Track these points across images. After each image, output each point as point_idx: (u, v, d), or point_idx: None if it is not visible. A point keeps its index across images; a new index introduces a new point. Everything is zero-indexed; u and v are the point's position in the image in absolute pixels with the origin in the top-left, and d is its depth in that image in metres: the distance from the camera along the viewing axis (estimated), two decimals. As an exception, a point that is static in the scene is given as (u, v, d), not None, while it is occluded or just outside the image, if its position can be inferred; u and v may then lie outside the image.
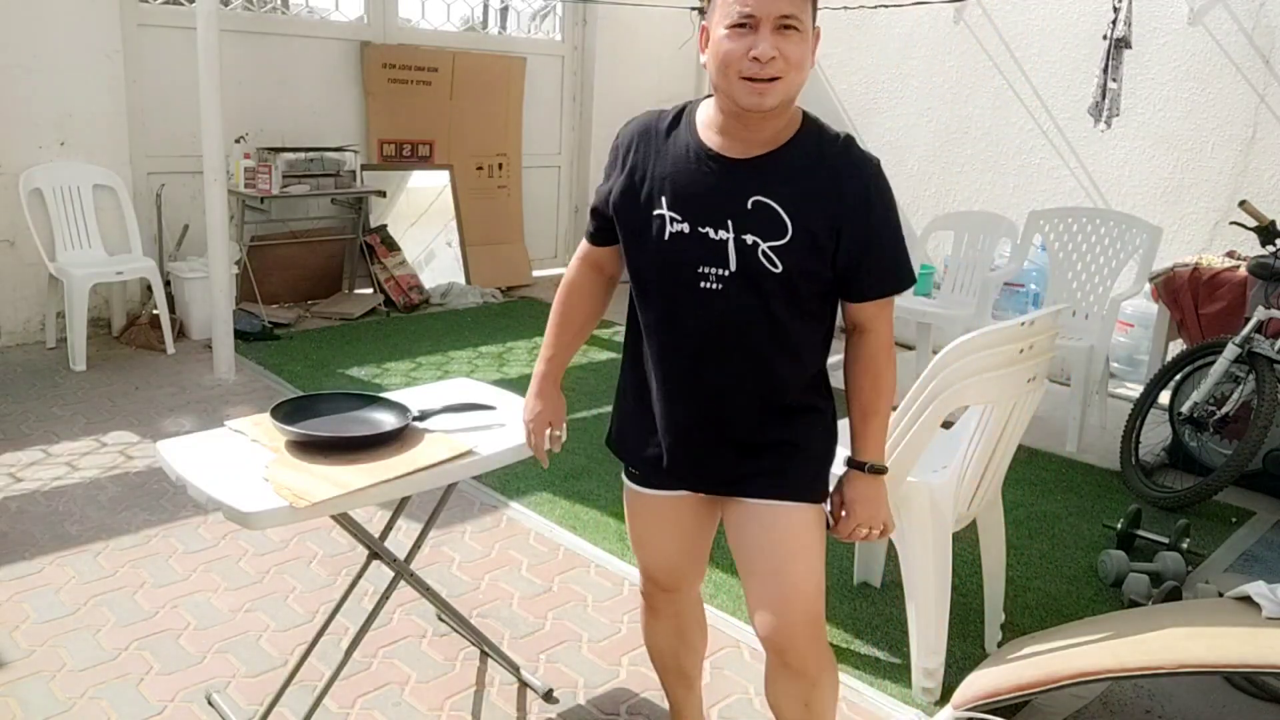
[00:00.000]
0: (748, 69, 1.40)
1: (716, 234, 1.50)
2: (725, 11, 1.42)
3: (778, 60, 1.40)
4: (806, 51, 1.44)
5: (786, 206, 1.48)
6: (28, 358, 4.75)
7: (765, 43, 1.38)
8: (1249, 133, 4.69)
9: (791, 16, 1.40)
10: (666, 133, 1.57)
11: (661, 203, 1.54)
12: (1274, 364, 3.44)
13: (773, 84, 1.41)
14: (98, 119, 4.94)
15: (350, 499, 1.73)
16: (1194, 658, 1.89)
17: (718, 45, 1.43)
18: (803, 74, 1.44)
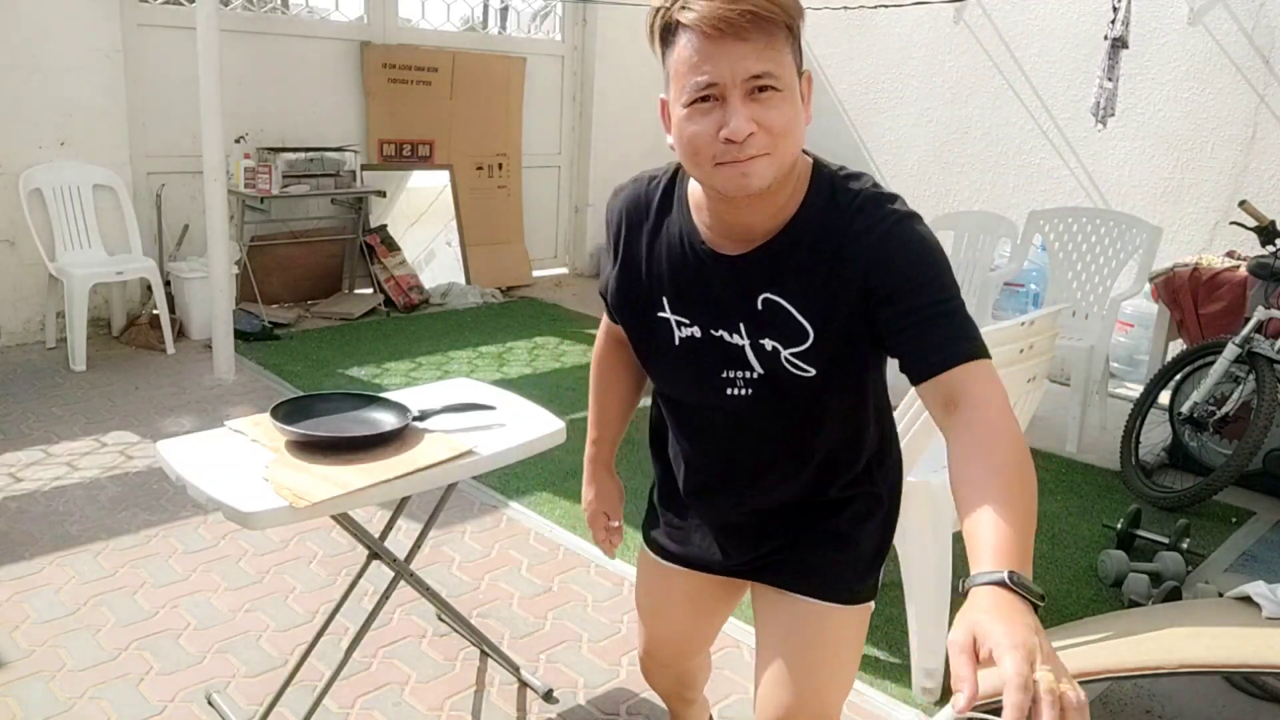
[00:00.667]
0: (722, 153, 1.10)
1: (731, 338, 1.26)
2: (681, 85, 1.11)
3: (758, 135, 1.09)
4: (795, 110, 1.12)
5: (799, 304, 1.21)
6: (28, 358, 4.75)
7: (737, 117, 1.08)
8: (1249, 133, 4.69)
9: (765, 75, 1.08)
10: (658, 212, 1.31)
11: (664, 304, 1.30)
12: (1274, 364, 3.44)
13: (757, 161, 1.11)
14: (98, 119, 4.94)
15: (350, 499, 1.73)
16: (1194, 658, 1.89)
17: (680, 129, 1.13)
18: (795, 140, 1.14)
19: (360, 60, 5.96)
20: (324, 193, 5.68)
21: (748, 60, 1.07)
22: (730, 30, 1.06)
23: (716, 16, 1.06)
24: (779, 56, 1.09)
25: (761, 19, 1.06)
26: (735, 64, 1.07)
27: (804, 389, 1.25)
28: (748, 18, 1.06)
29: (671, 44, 1.12)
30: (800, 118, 1.14)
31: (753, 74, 1.07)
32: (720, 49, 1.07)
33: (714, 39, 1.07)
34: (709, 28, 1.06)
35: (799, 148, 1.17)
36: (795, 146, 1.15)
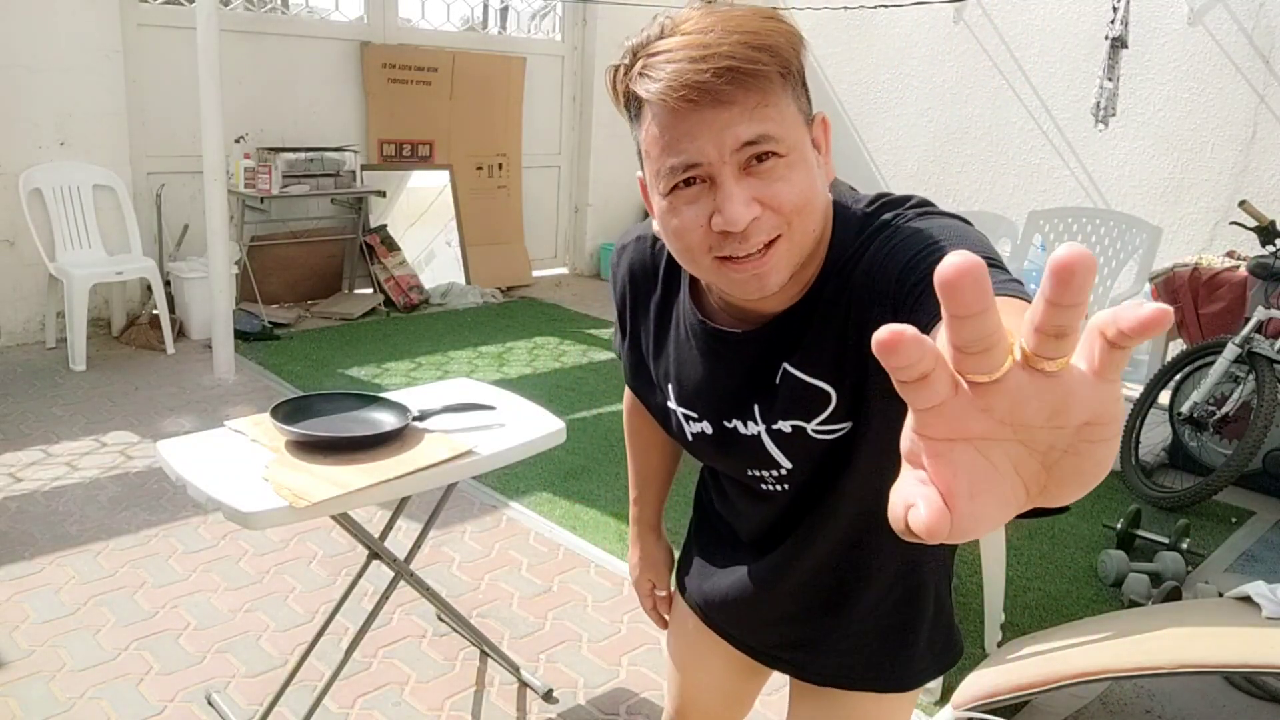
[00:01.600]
0: (721, 246, 0.87)
1: (746, 428, 1.05)
2: (655, 170, 0.88)
3: (764, 218, 0.86)
4: (809, 174, 0.88)
5: (813, 367, 0.98)
6: (28, 358, 4.75)
7: (732, 201, 0.84)
8: (1249, 133, 4.69)
9: (761, 140, 0.84)
10: (665, 284, 1.11)
11: (670, 394, 1.12)
12: (1274, 364, 3.44)
13: (770, 253, 0.87)
14: (98, 119, 4.94)
15: (350, 499, 1.73)
16: (1194, 658, 1.89)
17: (664, 221, 0.90)
18: (815, 211, 0.89)
19: (360, 60, 5.96)
20: (324, 193, 5.68)
21: (736, 127, 0.83)
22: (706, 99, 0.82)
23: (684, 84, 0.82)
24: (777, 113, 0.84)
25: (744, 74, 0.81)
26: (719, 135, 0.83)
27: (846, 443, 1.01)
28: (726, 77, 0.81)
29: (638, 117, 0.89)
30: (817, 181, 0.89)
31: (745, 141, 0.83)
32: (697, 121, 0.83)
33: (685, 111, 0.83)
34: (678, 101, 0.82)
35: (822, 217, 0.91)
36: (818, 218, 0.90)
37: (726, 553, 1.24)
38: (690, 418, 1.10)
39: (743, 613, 1.23)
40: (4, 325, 4.89)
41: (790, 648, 1.22)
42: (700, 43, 0.82)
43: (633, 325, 1.17)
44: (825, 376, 0.98)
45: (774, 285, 0.89)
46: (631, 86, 0.87)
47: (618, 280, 1.18)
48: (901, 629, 1.16)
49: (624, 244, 1.18)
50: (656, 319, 1.12)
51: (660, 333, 1.12)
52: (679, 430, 1.13)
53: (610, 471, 3.64)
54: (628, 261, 1.16)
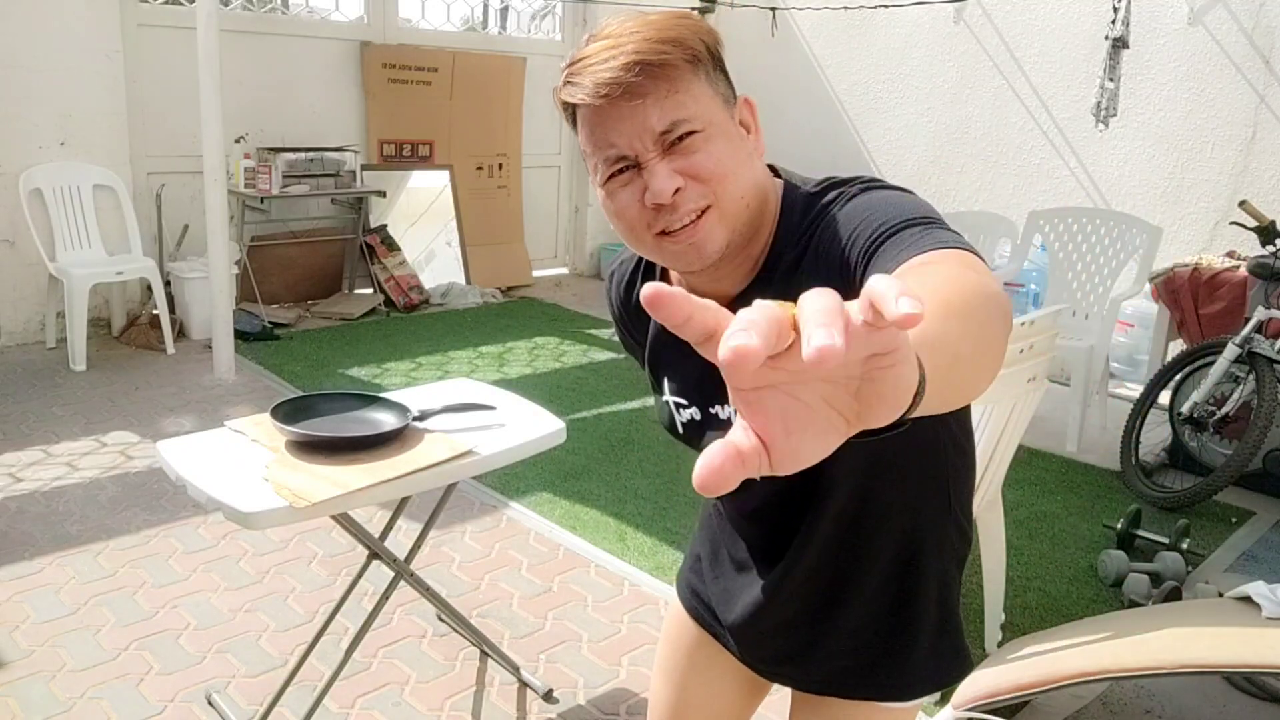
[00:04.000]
0: (657, 221, 0.94)
1: (724, 411, 1.09)
2: (594, 164, 0.98)
3: (688, 188, 0.92)
4: (730, 145, 0.95)
5: None
6: (28, 358, 4.75)
7: (656, 176, 0.92)
8: (1249, 133, 4.69)
9: (679, 122, 0.91)
10: (636, 297, 1.15)
11: (664, 386, 1.17)
12: (1274, 364, 3.44)
13: (702, 222, 0.94)
14: (98, 119, 4.94)
15: (350, 499, 1.73)
16: (1194, 658, 1.89)
17: (607, 206, 0.99)
18: (742, 178, 0.95)
19: (360, 60, 5.96)
20: (324, 193, 5.68)
21: (649, 117, 0.91)
22: (620, 92, 0.90)
23: (599, 83, 0.90)
24: (689, 98, 0.92)
25: (652, 66, 0.90)
26: (638, 125, 0.91)
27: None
28: (634, 70, 0.89)
29: (574, 123, 0.99)
30: (741, 151, 0.95)
31: (659, 131, 0.91)
32: (615, 114, 0.92)
33: (606, 108, 0.92)
34: (595, 98, 0.91)
35: (752, 186, 0.97)
36: (746, 186, 0.95)
37: (726, 558, 1.24)
38: (680, 405, 1.15)
39: (746, 622, 1.20)
40: (4, 325, 4.89)
41: (788, 659, 1.21)
42: (613, 45, 0.91)
43: (632, 339, 1.23)
44: None
45: (712, 253, 0.95)
46: (563, 96, 0.96)
47: (616, 295, 1.23)
48: (900, 631, 1.14)
49: (611, 271, 1.25)
50: (646, 322, 1.17)
51: (648, 332, 1.18)
52: (670, 421, 1.18)
53: (610, 471, 3.64)
54: (616, 281, 1.22)
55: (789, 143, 6.38)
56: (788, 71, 6.44)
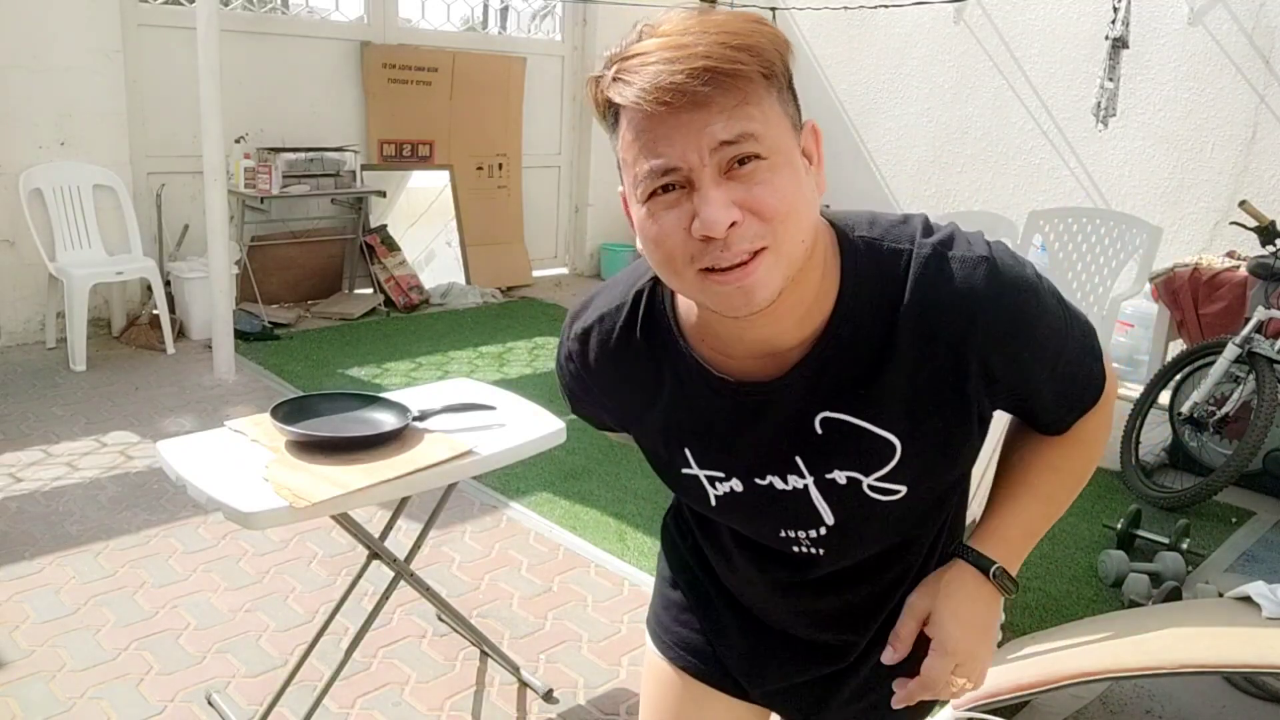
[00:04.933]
0: (702, 254, 0.82)
1: (787, 482, 0.97)
2: (633, 177, 0.84)
3: (745, 223, 0.80)
4: (796, 180, 0.83)
5: (874, 413, 0.93)
6: (28, 358, 4.75)
7: (710, 204, 0.79)
8: (1249, 133, 4.69)
9: (742, 139, 0.79)
10: (649, 358, 0.99)
11: (687, 458, 1.01)
12: (1274, 364, 3.44)
13: (756, 263, 0.81)
14: (98, 119, 4.94)
15: (350, 499, 1.73)
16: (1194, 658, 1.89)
17: (644, 230, 0.85)
18: (804, 219, 0.84)
19: (360, 60, 5.96)
20: (324, 193, 5.68)
21: (713, 126, 0.79)
22: (682, 100, 0.78)
23: (659, 87, 0.78)
24: (759, 113, 0.80)
25: (722, 74, 0.77)
26: (697, 137, 0.79)
27: (891, 512, 0.98)
28: (704, 78, 0.77)
29: (615, 126, 0.85)
30: (806, 186, 0.84)
31: (722, 140, 0.79)
32: (674, 124, 0.79)
33: (664, 115, 0.79)
34: (653, 104, 0.78)
35: (812, 227, 0.86)
36: (807, 228, 0.84)
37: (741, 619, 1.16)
38: (715, 479, 1.01)
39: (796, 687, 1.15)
40: (4, 325, 4.89)
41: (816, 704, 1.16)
42: (676, 44, 0.79)
43: (618, 408, 1.05)
44: (885, 423, 0.93)
45: (762, 300, 0.83)
46: (608, 94, 0.83)
47: (586, 362, 1.03)
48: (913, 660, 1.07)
49: (578, 332, 1.03)
50: (646, 397, 1.01)
51: (656, 405, 1.01)
52: (699, 495, 1.03)
53: (610, 471, 3.64)
54: (593, 347, 1.02)
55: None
56: (788, 71, 6.43)
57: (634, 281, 1.01)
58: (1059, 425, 1.02)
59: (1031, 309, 0.91)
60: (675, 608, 1.22)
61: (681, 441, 1.01)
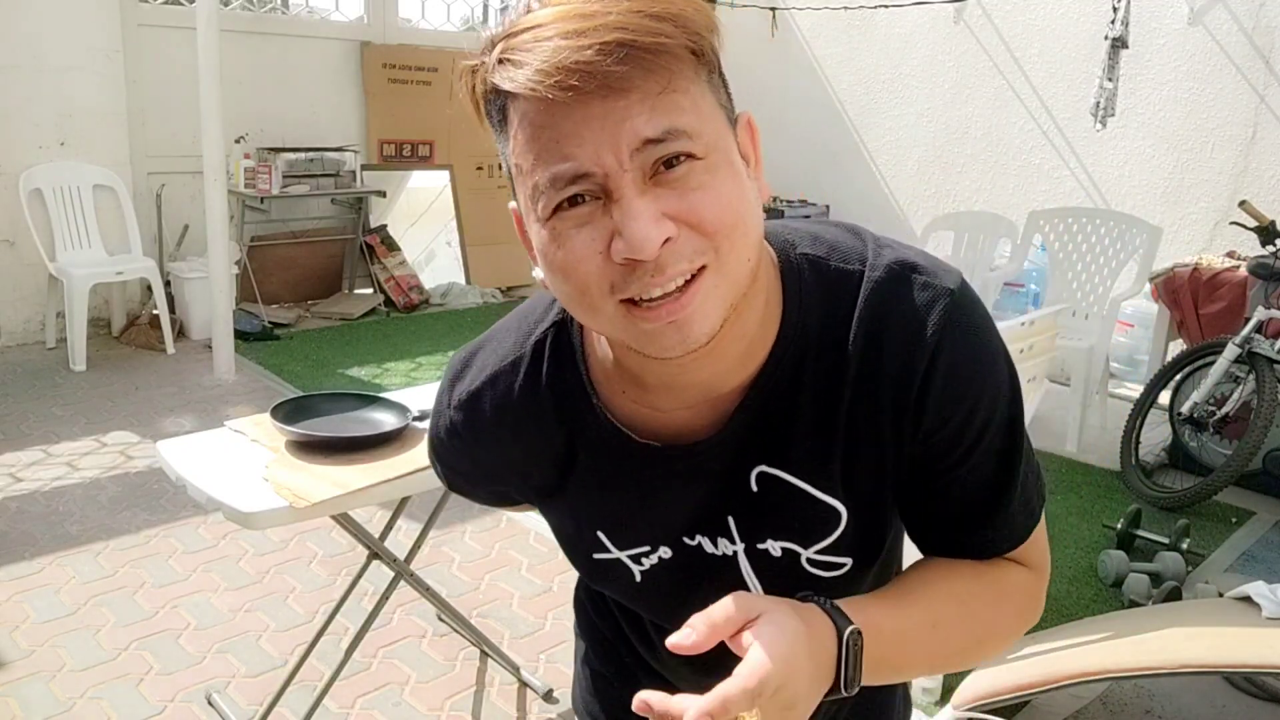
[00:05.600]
0: (625, 282, 0.64)
1: (717, 546, 0.81)
2: (531, 188, 0.65)
3: (680, 239, 0.63)
4: (739, 178, 0.66)
5: (817, 475, 0.76)
6: (28, 358, 4.75)
7: (639, 218, 0.62)
8: (1249, 133, 4.69)
9: (673, 134, 0.62)
10: (544, 417, 0.81)
11: (601, 542, 0.84)
12: (1274, 364, 3.44)
13: (694, 290, 0.64)
14: (98, 119, 4.94)
15: (350, 499, 1.73)
16: (1194, 658, 1.89)
17: (548, 257, 0.66)
18: (750, 231, 0.67)
19: (360, 60, 5.96)
20: (324, 193, 5.68)
21: (634, 119, 0.61)
22: (591, 82, 0.60)
23: (561, 66, 0.60)
24: (690, 101, 0.63)
25: (641, 50, 0.60)
26: (614, 132, 0.61)
27: (834, 588, 0.80)
28: (616, 54, 0.60)
29: (505, 125, 0.67)
30: (750, 191, 0.67)
31: (647, 138, 0.61)
32: (582, 116, 0.61)
33: (567, 106, 0.61)
34: (552, 88, 0.60)
35: (758, 241, 0.69)
36: (752, 242, 0.67)
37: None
38: (641, 555, 0.83)
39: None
40: (4, 325, 4.89)
41: None
42: (580, 13, 0.61)
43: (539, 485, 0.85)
44: (829, 487, 0.76)
45: (701, 334, 0.65)
46: (492, 80, 0.66)
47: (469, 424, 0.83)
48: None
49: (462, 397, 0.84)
50: (558, 468, 0.82)
51: (569, 479, 0.83)
52: (619, 577, 0.85)
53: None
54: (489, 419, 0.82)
55: (789, 144, 6.38)
56: (788, 71, 6.44)
57: (530, 329, 0.82)
58: (973, 540, 0.78)
59: (992, 367, 0.74)
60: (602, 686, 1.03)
61: (593, 523, 0.83)
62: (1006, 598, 0.78)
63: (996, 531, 0.77)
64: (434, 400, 0.88)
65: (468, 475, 0.90)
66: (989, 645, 0.78)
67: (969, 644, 0.77)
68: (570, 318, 0.80)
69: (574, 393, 0.79)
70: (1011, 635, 0.79)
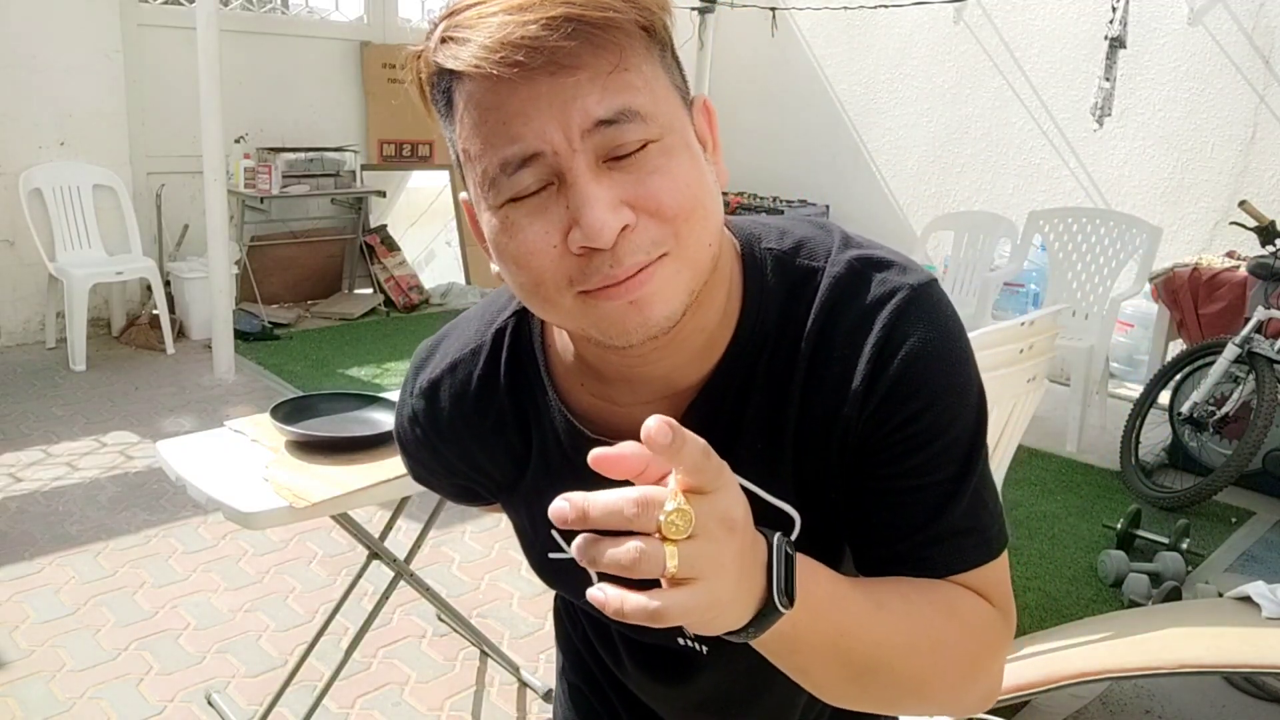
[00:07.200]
0: (582, 273, 0.62)
1: None
2: (481, 174, 0.62)
3: (639, 227, 0.61)
4: (697, 161, 0.64)
5: (768, 477, 0.73)
6: (28, 358, 4.75)
7: (595, 204, 0.59)
8: (1249, 133, 4.69)
9: (626, 114, 0.60)
10: (502, 407, 0.80)
11: (554, 539, 0.81)
12: (1274, 364, 3.44)
13: (651, 273, 0.62)
14: (98, 119, 4.94)
15: (350, 499, 1.73)
16: (1194, 658, 1.89)
17: (499, 247, 0.64)
18: (709, 215, 0.64)
19: (360, 60, 5.96)
20: (324, 193, 5.68)
21: (585, 98, 0.59)
22: (538, 58, 0.58)
23: (507, 42, 0.58)
24: (643, 80, 0.61)
25: (590, 25, 0.58)
26: (563, 111, 0.59)
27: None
28: (564, 29, 0.58)
29: (451, 110, 0.63)
30: (708, 174, 0.65)
31: (599, 119, 0.59)
32: (530, 95, 0.59)
33: (514, 85, 0.59)
34: (497, 64, 0.58)
35: (719, 228, 0.66)
36: (713, 228, 0.65)
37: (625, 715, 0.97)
38: None
39: None
40: (4, 325, 4.89)
41: None
42: None
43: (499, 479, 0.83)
44: (782, 490, 0.73)
45: (662, 317, 0.63)
46: (436, 60, 0.62)
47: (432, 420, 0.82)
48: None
49: (425, 384, 0.83)
50: (520, 452, 0.80)
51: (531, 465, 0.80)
52: (574, 580, 0.79)
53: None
54: (448, 407, 0.81)
55: (789, 144, 6.38)
56: (788, 71, 6.44)
57: (493, 318, 0.80)
58: (911, 552, 0.70)
59: (958, 367, 0.69)
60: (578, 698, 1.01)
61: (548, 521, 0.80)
62: (956, 614, 0.69)
63: (939, 546, 0.70)
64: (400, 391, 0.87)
65: (429, 466, 0.89)
66: (938, 663, 0.67)
67: (916, 646, 0.66)
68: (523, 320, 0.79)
69: (531, 384, 0.76)
70: (964, 665, 0.69)
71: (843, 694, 0.67)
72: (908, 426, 0.68)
